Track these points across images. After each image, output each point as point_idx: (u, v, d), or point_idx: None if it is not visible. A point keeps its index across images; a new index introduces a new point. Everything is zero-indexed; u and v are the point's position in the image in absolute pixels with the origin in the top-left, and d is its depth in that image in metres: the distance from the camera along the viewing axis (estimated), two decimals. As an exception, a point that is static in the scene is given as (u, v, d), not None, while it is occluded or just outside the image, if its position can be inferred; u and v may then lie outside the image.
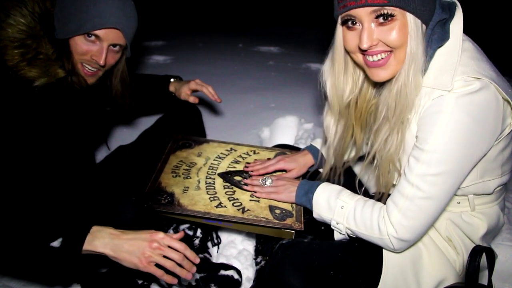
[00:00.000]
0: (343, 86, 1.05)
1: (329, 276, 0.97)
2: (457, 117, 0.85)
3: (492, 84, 0.85)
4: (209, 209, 1.17)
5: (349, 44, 0.94)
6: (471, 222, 1.03)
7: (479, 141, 0.88)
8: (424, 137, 0.89)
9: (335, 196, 1.06)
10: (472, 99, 0.84)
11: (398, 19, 0.86)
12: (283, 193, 1.20)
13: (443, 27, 0.91)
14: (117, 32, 1.12)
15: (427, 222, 0.94)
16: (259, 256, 1.35)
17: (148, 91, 1.58)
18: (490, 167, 0.97)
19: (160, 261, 0.92)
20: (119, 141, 1.64)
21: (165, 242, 0.93)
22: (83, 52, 1.11)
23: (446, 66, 0.89)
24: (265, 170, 1.31)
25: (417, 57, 0.88)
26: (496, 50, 2.44)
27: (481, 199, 1.03)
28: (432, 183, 0.89)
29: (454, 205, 1.04)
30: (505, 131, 0.92)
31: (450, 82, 0.86)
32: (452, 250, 1.03)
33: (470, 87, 0.85)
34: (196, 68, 3.01)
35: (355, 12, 0.88)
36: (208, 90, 1.52)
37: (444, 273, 1.00)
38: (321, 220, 1.10)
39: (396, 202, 0.94)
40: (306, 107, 2.38)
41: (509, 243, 1.43)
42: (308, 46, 3.71)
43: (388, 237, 0.95)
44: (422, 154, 0.89)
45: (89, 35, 1.10)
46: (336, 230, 1.07)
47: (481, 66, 0.89)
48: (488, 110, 0.86)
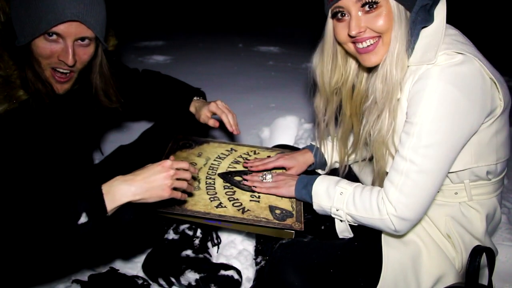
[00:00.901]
0: (331, 74, 1.13)
1: (328, 275, 0.98)
2: (442, 88, 0.88)
3: (476, 60, 0.89)
4: (209, 209, 1.17)
5: (340, 34, 1.01)
6: (469, 216, 1.03)
7: (467, 112, 0.90)
8: (412, 111, 0.93)
9: (334, 184, 1.08)
10: (456, 70, 0.88)
11: (382, 5, 0.94)
12: (283, 188, 1.21)
13: (427, 11, 0.96)
14: (78, 24, 1.00)
15: (424, 198, 0.95)
16: (259, 256, 1.35)
17: (167, 106, 1.47)
18: (484, 151, 0.98)
19: (178, 184, 1.00)
20: (119, 141, 1.64)
21: (175, 167, 1.00)
22: (48, 54, 1.01)
23: (430, 44, 0.94)
24: (264, 167, 1.32)
25: (401, 39, 0.95)
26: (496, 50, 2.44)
27: (478, 189, 1.03)
28: (424, 155, 0.91)
29: (452, 196, 1.04)
30: (496, 111, 0.94)
31: (434, 57, 0.91)
32: (451, 248, 1.04)
33: (453, 60, 0.89)
34: (196, 68, 3.01)
35: (342, 3, 0.96)
36: (227, 119, 1.36)
37: (443, 270, 1.00)
38: (321, 211, 1.11)
39: (392, 179, 0.96)
40: (306, 107, 2.37)
41: (509, 243, 1.43)
42: (308, 46, 3.70)
43: (388, 217, 0.96)
44: (412, 127, 0.92)
45: (49, 34, 0.98)
46: (336, 217, 1.07)
47: (466, 48, 0.93)
48: (473, 82, 0.89)
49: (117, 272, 1.29)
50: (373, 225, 1.01)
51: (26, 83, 1.03)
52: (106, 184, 0.94)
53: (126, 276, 1.28)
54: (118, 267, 1.32)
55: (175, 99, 1.46)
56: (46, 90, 1.06)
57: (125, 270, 1.33)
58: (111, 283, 1.24)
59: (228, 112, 1.37)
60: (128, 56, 3.28)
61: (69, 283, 1.24)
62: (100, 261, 1.34)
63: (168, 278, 1.26)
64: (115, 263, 1.35)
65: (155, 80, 1.54)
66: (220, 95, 2.45)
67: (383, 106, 1.00)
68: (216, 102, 1.39)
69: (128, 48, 3.52)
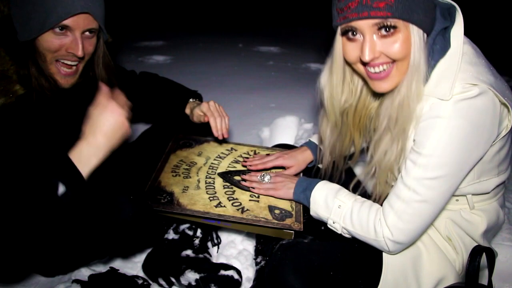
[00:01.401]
0: (340, 95, 1.05)
1: (329, 276, 0.97)
2: (454, 122, 0.85)
3: (490, 89, 0.85)
4: (209, 208, 1.17)
5: (350, 55, 0.92)
6: (470, 220, 1.03)
7: (476, 145, 0.88)
8: (421, 140, 0.89)
9: (333, 195, 1.06)
10: (470, 105, 0.85)
11: (401, 30, 0.85)
12: (281, 190, 1.20)
13: (444, 35, 0.90)
14: (87, 16, 1.01)
15: (423, 225, 0.94)
16: (259, 256, 1.35)
17: (164, 108, 1.46)
18: (487, 168, 0.97)
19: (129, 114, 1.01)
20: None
21: (121, 100, 1.01)
22: (56, 48, 1.02)
23: (446, 74, 0.88)
24: (264, 166, 1.31)
25: (419, 68, 0.87)
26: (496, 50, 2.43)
27: (479, 197, 1.03)
28: (428, 187, 0.90)
29: (453, 202, 1.04)
30: (502, 133, 0.92)
31: (449, 91, 0.85)
32: (452, 250, 1.04)
33: (468, 93, 0.85)
34: (196, 68, 3.02)
35: (356, 24, 0.86)
36: (214, 123, 1.29)
37: (443, 272, 1.00)
38: (318, 218, 1.11)
39: (393, 204, 0.95)
40: (306, 107, 2.38)
41: (509, 243, 1.43)
42: (308, 46, 3.72)
43: (384, 239, 0.96)
44: (419, 157, 0.89)
45: (59, 28, 0.99)
46: (332, 228, 1.07)
47: (479, 71, 0.88)
48: (485, 115, 0.86)
49: (117, 272, 1.29)
50: (368, 243, 1.00)
51: (24, 78, 1.03)
52: (73, 152, 0.93)
53: (126, 276, 1.28)
54: (118, 267, 1.32)
55: (171, 102, 1.45)
56: (50, 85, 1.07)
57: (125, 270, 1.33)
58: (111, 283, 1.24)
59: (218, 115, 1.30)
60: (128, 56, 3.28)
61: (69, 283, 1.24)
62: (100, 261, 1.34)
63: (168, 278, 1.26)
64: (115, 263, 1.35)
65: (152, 82, 1.53)
66: (220, 95, 2.46)
67: (397, 135, 0.95)
68: (209, 103, 1.33)
69: (128, 48, 3.52)
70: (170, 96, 1.46)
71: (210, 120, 1.29)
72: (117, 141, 0.97)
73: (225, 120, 1.31)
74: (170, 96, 1.46)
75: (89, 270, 1.29)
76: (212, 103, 1.33)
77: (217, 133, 1.29)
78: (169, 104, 1.45)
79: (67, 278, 1.28)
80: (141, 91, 1.48)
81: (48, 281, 1.28)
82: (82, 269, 1.29)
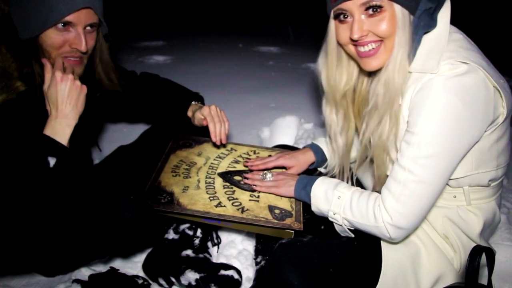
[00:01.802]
0: (337, 77, 1.10)
1: (328, 274, 0.98)
2: (444, 99, 0.87)
3: (480, 69, 0.87)
4: (209, 208, 1.17)
5: (342, 36, 0.99)
6: (467, 219, 1.03)
7: (469, 124, 0.89)
8: (413, 120, 0.91)
9: (333, 187, 1.08)
10: (459, 81, 0.87)
11: (386, 10, 0.91)
12: (283, 187, 1.21)
13: (430, 16, 0.93)
14: (88, 10, 1.02)
15: (421, 208, 0.94)
16: (259, 256, 1.35)
17: (166, 110, 1.47)
18: (485, 158, 0.97)
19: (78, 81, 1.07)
20: (119, 141, 1.64)
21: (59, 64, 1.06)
22: (60, 44, 1.03)
23: (433, 51, 0.92)
24: (265, 166, 1.32)
25: (404, 45, 0.93)
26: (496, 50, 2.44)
27: (477, 193, 1.03)
28: (423, 166, 0.90)
29: (450, 199, 1.04)
30: (498, 119, 0.93)
31: (436, 66, 0.89)
32: (450, 248, 1.04)
33: (457, 70, 0.87)
34: (196, 68, 3.02)
35: (345, 5, 0.93)
36: (214, 128, 1.29)
37: (442, 270, 1.00)
38: (319, 213, 1.11)
39: (390, 188, 0.96)
40: (306, 107, 2.38)
41: (509, 243, 1.43)
42: (308, 46, 3.72)
43: (384, 225, 0.96)
44: (413, 137, 0.91)
45: (62, 24, 1.00)
46: (333, 221, 1.07)
47: (471, 55, 0.91)
48: (476, 93, 0.87)
49: (117, 272, 1.29)
50: (369, 231, 1.01)
51: (27, 76, 1.04)
52: (46, 130, 1.02)
53: (126, 276, 1.28)
54: (118, 267, 1.32)
55: (173, 104, 1.45)
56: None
57: (125, 270, 1.33)
58: (111, 283, 1.24)
59: (218, 120, 1.30)
60: (128, 56, 3.28)
61: (69, 283, 1.24)
62: (100, 261, 1.34)
63: (168, 278, 1.26)
64: (115, 263, 1.35)
65: (154, 83, 1.53)
66: (220, 95, 2.46)
67: (384, 111, 0.99)
68: (210, 107, 1.32)
69: (128, 48, 3.52)
70: (172, 98, 1.47)
71: (209, 125, 1.30)
72: (80, 103, 1.05)
73: (225, 125, 1.31)
74: (172, 98, 1.46)
75: (89, 270, 1.29)
76: (213, 107, 1.32)
77: (215, 138, 1.30)
78: (171, 106, 1.46)
79: (67, 278, 1.28)
80: (142, 92, 1.48)
81: (48, 281, 1.28)
82: (82, 269, 1.29)
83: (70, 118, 1.03)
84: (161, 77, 1.58)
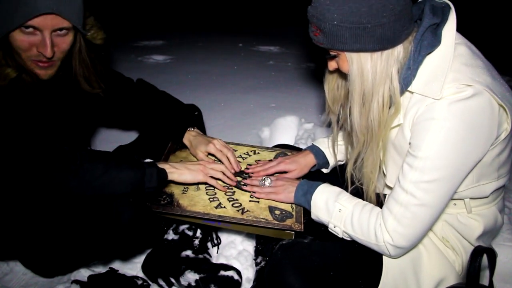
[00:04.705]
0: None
1: (329, 276, 0.97)
2: (449, 124, 0.84)
3: (486, 90, 0.84)
4: (209, 209, 1.17)
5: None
6: (466, 223, 1.02)
7: (473, 147, 0.87)
8: (417, 143, 0.89)
9: (334, 198, 1.06)
10: (465, 106, 0.84)
11: (339, 55, 0.95)
12: (282, 194, 1.19)
13: (434, 32, 0.90)
14: (54, 16, 0.97)
15: (422, 229, 0.94)
16: (259, 257, 1.35)
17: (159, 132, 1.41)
18: (486, 171, 0.96)
19: (215, 174, 1.23)
20: (119, 141, 1.64)
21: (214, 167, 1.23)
22: (26, 47, 1.00)
23: (436, 72, 0.88)
24: (266, 172, 1.30)
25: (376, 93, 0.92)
26: (495, 50, 2.43)
27: (477, 201, 1.02)
28: (426, 190, 0.89)
29: (451, 206, 1.03)
30: (501, 136, 0.91)
31: (440, 90, 0.86)
32: (451, 251, 1.03)
33: (462, 93, 0.84)
34: (196, 68, 3.01)
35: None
36: (228, 162, 1.30)
37: (443, 273, 1.00)
38: (318, 221, 1.10)
39: (391, 209, 0.94)
40: (306, 107, 2.38)
41: (510, 244, 1.42)
42: (308, 46, 3.71)
43: (384, 244, 0.95)
44: (416, 161, 0.89)
45: (25, 27, 0.96)
46: (333, 232, 1.07)
47: (475, 72, 0.87)
48: (481, 116, 0.85)
49: (116, 273, 1.29)
50: (369, 247, 1.00)
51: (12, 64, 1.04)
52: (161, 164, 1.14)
53: (126, 276, 1.28)
54: (117, 268, 1.32)
55: (167, 128, 1.39)
56: (31, 78, 1.08)
57: (124, 271, 1.32)
58: (111, 284, 1.24)
59: (228, 151, 1.32)
60: (127, 55, 3.28)
61: (69, 283, 1.24)
62: (99, 262, 1.33)
63: (168, 279, 1.26)
64: (114, 264, 1.35)
65: (149, 96, 1.45)
66: (220, 94, 2.45)
67: (363, 145, 1.00)
68: (214, 143, 1.31)
69: (128, 48, 3.52)
70: (167, 120, 1.40)
71: (223, 160, 1.31)
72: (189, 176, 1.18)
73: (233, 153, 1.34)
74: (167, 120, 1.40)
75: (89, 271, 1.29)
76: (217, 142, 1.33)
77: (232, 170, 1.30)
78: (165, 130, 1.40)
79: (66, 278, 1.28)
80: (135, 102, 1.42)
81: (48, 281, 1.28)
82: (82, 269, 1.29)
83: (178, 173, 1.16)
84: (159, 90, 1.50)
